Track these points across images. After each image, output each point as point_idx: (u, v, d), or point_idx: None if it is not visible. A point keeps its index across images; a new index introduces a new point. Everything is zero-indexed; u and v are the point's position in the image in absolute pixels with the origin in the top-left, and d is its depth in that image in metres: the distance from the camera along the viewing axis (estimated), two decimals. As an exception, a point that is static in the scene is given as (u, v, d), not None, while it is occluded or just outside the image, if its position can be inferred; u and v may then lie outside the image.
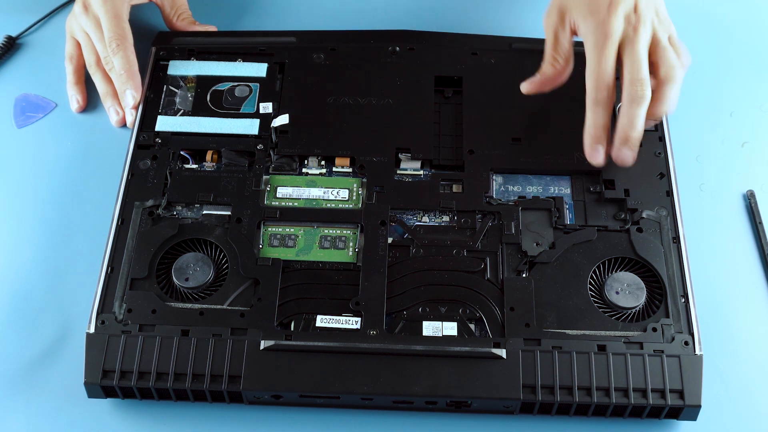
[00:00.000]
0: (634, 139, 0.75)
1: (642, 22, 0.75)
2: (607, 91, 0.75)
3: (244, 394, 0.70)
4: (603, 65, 0.75)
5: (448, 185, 0.80)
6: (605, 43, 0.75)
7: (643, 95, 0.74)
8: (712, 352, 0.73)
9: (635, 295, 0.73)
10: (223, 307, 0.73)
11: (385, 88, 0.85)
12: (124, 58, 0.85)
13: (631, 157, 0.76)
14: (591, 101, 0.76)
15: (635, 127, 0.75)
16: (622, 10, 0.75)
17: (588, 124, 0.76)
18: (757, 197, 0.82)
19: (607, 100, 0.75)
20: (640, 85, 0.74)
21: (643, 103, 0.74)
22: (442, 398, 0.69)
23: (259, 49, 0.88)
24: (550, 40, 0.79)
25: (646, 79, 0.74)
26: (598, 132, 0.76)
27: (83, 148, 0.86)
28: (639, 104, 0.74)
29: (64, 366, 0.73)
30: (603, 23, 0.75)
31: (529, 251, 0.75)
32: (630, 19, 0.75)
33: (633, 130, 0.75)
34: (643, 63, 0.75)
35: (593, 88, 0.75)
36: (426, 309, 0.73)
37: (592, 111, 0.76)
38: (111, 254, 0.75)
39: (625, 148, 0.75)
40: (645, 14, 0.75)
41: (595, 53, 0.75)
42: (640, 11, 0.75)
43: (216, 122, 0.83)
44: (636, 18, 0.75)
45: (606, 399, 0.69)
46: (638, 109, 0.75)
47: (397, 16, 0.96)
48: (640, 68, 0.75)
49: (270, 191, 0.79)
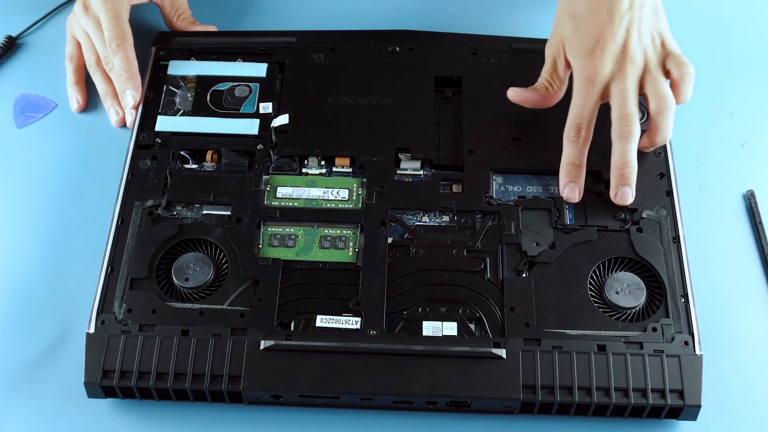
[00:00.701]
0: (627, 174, 0.76)
1: (629, 61, 0.75)
2: (580, 132, 0.76)
3: (244, 394, 0.70)
4: (581, 107, 0.76)
5: (448, 185, 0.80)
6: (588, 86, 0.76)
7: (630, 131, 0.75)
8: (712, 352, 0.73)
9: (635, 295, 0.73)
10: (223, 307, 0.73)
11: (385, 88, 0.85)
12: (124, 58, 0.85)
13: (630, 195, 0.76)
14: (565, 138, 0.77)
15: (627, 162, 0.76)
16: (609, 51, 0.75)
17: (562, 162, 0.78)
18: (757, 197, 0.82)
19: (580, 140, 0.76)
20: (626, 122, 0.75)
21: (631, 138, 0.75)
22: (442, 398, 0.69)
23: (259, 49, 0.88)
24: (549, 65, 0.80)
25: (633, 115, 0.75)
26: (570, 169, 0.77)
27: (83, 148, 0.86)
28: (627, 140, 0.75)
29: (64, 366, 0.73)
30: (590, 66, 0.76)
31: (529, 251, 0.75)
32: (618, 58, 0.76)
33: (625, 166, 0.76)
34: (629, 99, 0.75)
35: (569, 127, 0.77)
36: (426, 309, 0.73)
37: (566, 147, 0.77)
38: (111, 254, 0.75)
39: (622, 187, 0.76)
40: (634, 51, 0.76)
41: (578, 94, 0.77)
42: (628, 50, 0.75)
43: (216, 122, 0.83)
44: (623, 56, 0.75)
45: (606, 399, 0.69)
46: (627, 145, 0.76)
47: (397, 16, 0.96)
48: (626, 104, 0.75)
49: (270, 191, 0.79)
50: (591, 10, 0.76)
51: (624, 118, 0.75)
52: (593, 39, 0.76)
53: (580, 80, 0.77)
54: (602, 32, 0.76)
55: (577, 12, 0.77)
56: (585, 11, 0.77)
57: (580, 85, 0.77)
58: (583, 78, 0.76)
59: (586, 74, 0.76)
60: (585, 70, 0.76)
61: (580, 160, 0.77)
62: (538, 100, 0.80)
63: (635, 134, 0.75)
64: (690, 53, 0.76)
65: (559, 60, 0.79)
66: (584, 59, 0.76)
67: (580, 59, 0.76)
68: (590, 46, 0.76)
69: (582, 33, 0.76)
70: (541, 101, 0.80)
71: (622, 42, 0.76)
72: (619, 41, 0.76)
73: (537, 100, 0.80)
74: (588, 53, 0.76)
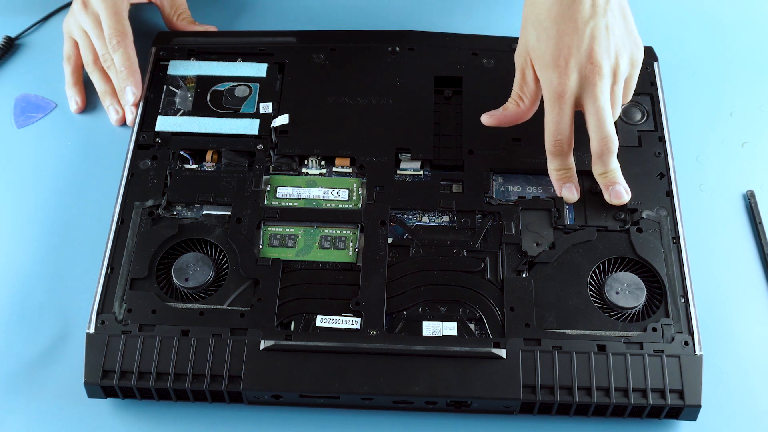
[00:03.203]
0: (613, 177, 0.76)
1: (597, 74, 0.73)
2: (562, 146, 0.76)
3: (244, 394, 0.70)
4: (557, 123, 0.75)
5: (448, 185, 0.80)
6: (559, 102, 0.74)
7: (609, 149, 0.75)
8: (712, 352, 0.73)
9: (635, 295, 0.73)
10: (223, 307, 0.73)
11: (385, 88, 0.85)
12: (125, 54, 0.85)
13: (623, 192, 0.77)
14: (548, 152, 0.77)
15: (610, 170, 0.76)
16: (574, 63, 0.73)
17: (549, 171, 0.78)
18: (757, 197, 0.82)
19: (563, 152, 0.76)
20: (606, 143, 0.75)
21: (611, 154, 0.75)
22: (442, 398, 0.69)
23: (259, 49, 0.88)
24: (518, 77, 0.78)
25: (611, 135, 0.74)
26: (561, 174, 0.77)
27: (83, 148, 0.86)
28: (608, 156, 0.76)
29: (64, 366, 0.73)
30: (557, 81, 0.73)
31: (529, 251, 0.75)
32: (585, 70, 0.73)
33: (609, 170, 0.76)
34: (607, 119, 0.74)
35: (549, 143, 0.76)
36: (426, 309, 0.73)
37: (551, 160, 0.77)
38: (111, 254, 0.75)
39: (612, 188, 0.76)
40: (602, 62, 0.73)
41: (550, 111, 0.75)
42: (596, 60, 0.73)
43: (216, 122, 0.83)
44: (591, 68, 0.73)
45: (606, 399, 0.69)
46: (608, 159, 0.76)
47: (397, 16, 0.96)
48: (603, 126, 0.74)
49: (270, 191, 0.79)
50: (553, 19, 0.73)
51: (603, 140, 0.74)
52: (557, 49, 0.73)
53: (549, 95, 0.74)
54: (566, 42, 0.73)
55: (539, 20, 0.74)
56: (547, 19, 0.74)
57: (550, 100, 0.74)
58: (552, 93, 0.74)
59: (554, 89, 0.74)
60: (552, 84, 0.74)
61: (568, 165, 0.77)
62: (512, 119, 0.79)
63: (615, 150, 0.75)
64: (690, 53, 0.76)
65: (527, 70, 0.76)
66: (550, 72, 0.73)
67: (546, 72, 0.74)
68: (554, 58, 0.73)
69: (545, 43, 0.73)
70: (516, 118, 0.79)
71: (587, 52, 0.73)
72: (584, 51, 0.73)
73: (512, 118, 0.79)
74: (553, 65, 0.73)
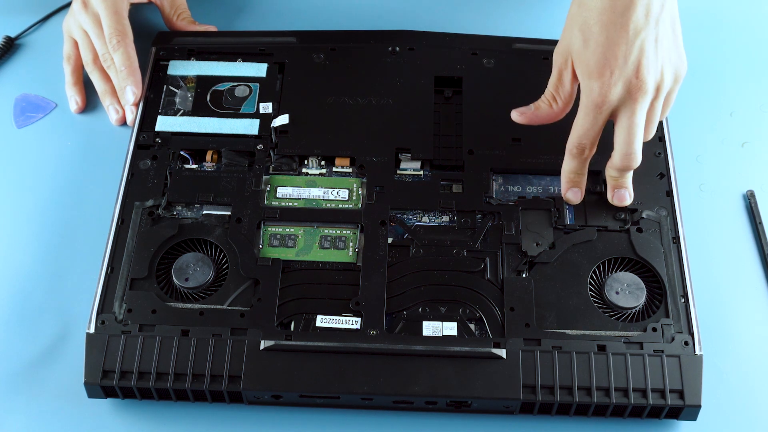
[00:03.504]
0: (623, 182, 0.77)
1: (641, 90, 0.71)
2: (584, 151, 0.75)
3: (244, 394, 0.70)
4: (587, 130, 0.73)
5: (448, 185, 0.80)
6: (595, 110, 0.72)
7: (630, 167, 0.75)
8: (712, 352, 0.73)
9: (635, 295, 0.73)
10: (223, 307, 0.73)
11: (385, 88, 0.85)
12: (125, 54, 0.85)
13: (628, 194, 0.77)
14: (568, 152, 0.76)
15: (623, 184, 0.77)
16: (621, 75, 0.70)
17: (563, 170, 0.77)
18: (757, 197, 0.82)
19: (584, 156, 0.76)
20: (629, 159, 0.74)
21: (630, 171, 0.76)
22: (442, 398, 0.69)
23: (259, 49, 0.88)
24: (554, 77, 0.76)
25: (638, 153, 0.74)
26: (572, 177, 0.77)
27: (83, 148, 0.86)
28: (626, 172, 0.76)
29: (64, 366, 0.73)
30: (599, 90, 0.71)
31: (529, 251, 0.75)
32: (629, 84, 0.71)
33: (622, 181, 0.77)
34: (636, 136, 0.73)
35: (573, 144, 0.75)
36: (426, 309, 0.73)
37: (568, 161, 0.76)
38: (111, 254, 0.75)
39: (618, 191, 0.77)
40: (648, 78, 0.71)
41: (584, 116, 0.73)
42: (642, 75, 0.70)
43: (216, 122, 0.83)
44: (636, 85, 0.71)
45: (606, 399, 0.69)
46: (627, 174, 0.76)
47: (397, 16, 0.96)
48: (632, 142, 0.73)
49: (270, 191, 0.79)
50: (603, 24, 0.70)
51: (627, 156, 0.74)
52: (604, 59, 0.70)
53: (587, 103, 0.72)
54: (614, 52, 0.70)
55: (587, 24, 0.71)
56: (596, 24, 0.70)
57: (587, 108, 0.72)
58: (591, 102, 0.72)
59: (594, 99, 0.71)
60: (593, 93, 0.71)
61: (580, 170, 0.77)
62: (543, 119, 0.77)
63: (635, 166, 0.75)
64: (690, 53, 0.76)
65: (566, 72, 0.74)
66: (593, 80, 0.71)
67: (589, 79, 0.71)
68: (600, 67, 0.70)
69: (592, 50, 0.70)
70: (547, 119, 0.77)
71: (635, 66, 0.70)
72: (631, 64, 0.70)
73: (543, 118, 0.77)
74: (598, 74, 0.70)
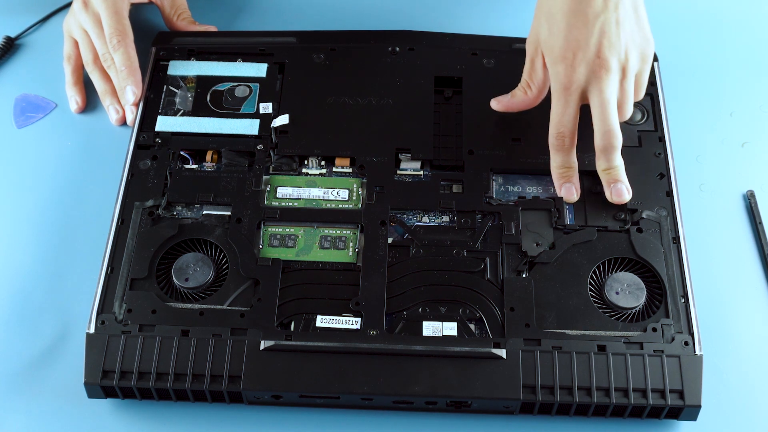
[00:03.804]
0: (615, 175, 0.77)
1: (604, 69, 0.74)
2: (564, 140, 0.76)
3: (244, 394, 0.70)
4: (561, 116, 0.76)
5: (448, 185, 0.80)
6: (565, 94, 0.75)
7: (612, 145, 0.75)
8: (712, 352, 0.73)
9: (635, 295, 0.73)
10: (223, 307, 0.73)
11: (385, 88, 0.85)
12: (125, 54, 0.85)
13: (625, 190, 0.77)
14: (550, 146, 0.77)
15: (614, 167, 0.76)
16: (583, 58, 0.74)
17: (552, 166, 0.78)
18: (757, 197, 0.82)
19: (566, 147, 0.76)
20: (609, 137, 0.75)
21: (614, 151, 0.76)
22: (442, 398, 0.69)
23: (259, 49, 0.88)
24: (528, 66, 0.80)
25: (615, 129, 0.75)
26: (562, 172, 0.77)
27: (83, 148, 0.86)
28: (611, 153, 0.76)
29: (64, 366, 0.73)
30: (564, 73, 0.74)
31: (529, 251, 0.75)
32: (592, 65, 0.74)
33: (612, 170, 0.76)
34: (610, 112, 0.74)
35: (552, 136, 0.77)
36: (426, 309, 0.73)
37: (553, 155, 0.77)
38: (111, 254, 0.75)
39: (614, 185, 0.77)
40: (610, 58, 0.74)
41: (556, 102, 0.76)
42: (604, 55, 0.74)
43: (216, 122, 0.83)
44: (599, 63, 0.74)
45: (606, 399, 0.69)
46: (612, 155, 0.76)
47: (397, 16, 0.96)
48: (607, 118, 0.74)
49: (270, 191, 0.79)
50: (564, 12, 0.74)
51: (606, 133, 0.75)
52: (566, 44, 0.74)
53: (556, 87, 0.76)
54: (575, 37, 0.74)
55: (551, 13, 0.75)
56: (558, 13, 0.75)
57: (557, 92, 0.76)
58: (559, 85, 0.75)
59: (561, 81, 0.75)
60: (559, 76, 0.75)
61: (569, 164, 0.77)
62: (519, 105, 0.80)
63: (618, 146, 0.75)
64: (690, 53, 0.76)
65: (537, 60, 0.78)
66: (558, 65, 0.75)
67: (555, 65, 0.75)
68: (563, 52, 0.74)
69: (556, 36, 0.75)
70: (523, 105, 0.80)
71: (596, 47, 0.74)
72: (593, 46, 0.74)
73: (518, 105, 0.80)
74: (562, 58, 0.74)
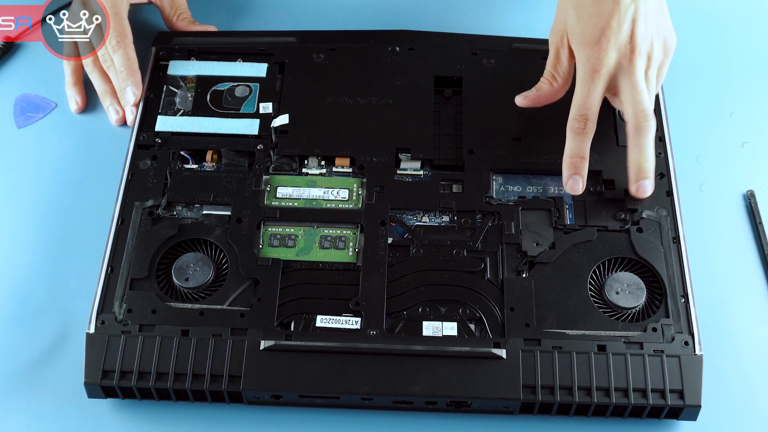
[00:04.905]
0: (647, 168, 0.76)
1: (637, 54, 0.74)
2: (585, 123, 0.75)
3: (244, 394, 0.70)
4: (586, 98, 0.75)
5: (448, 185, 0.80)
6: (593, 77, 0.75)
7: (647, 125, 0.74)
8: (712, 352, 0.73)
9: (635, 295, 0.73)
10: (223, 307, 0.73)
11: (385, 88, 0.85)
12: (125, 55, 0.85)
13: (650, 186, 0.76)
14: (569, 130, 0.76)
15: (646, 156, 0.75)
16: (615, 42, 0.74)
17: (566, 153, 0.77)
18: (757, 197, 0.82)
19: (585, 131, 0.75)
20: (643, 116, 0.74)
21: (649, 132, 0.75)
22: (442, 398, 0.69)
23: (259, 49, 0.88)
24: (552, 57, 0.79)
25: (649, 110, 0.74)
26: (575, 161, 0.76)
27: (83, 148, 0.86)
28: (645, 134, 0.75)
29: (64, 366, 0.73)
30: (595, 56, 0.74)
31: (529, 251, 0.75)
32: (623, 50, 0.74)
33: (645, 160, 0.75)
34: (643, 93, 0.74)
35: (573, 118, 0.76)
36: (426, 309, 0.73)
37: (570, 139, 0.76)
38: (111, 254, 0.75)
39: (642, 180, 0.76)
40: (640, 44, 0.74)
41: (582, 85, 0.75)
42: (635, 41, 0.74)
43: (216, 122, 0.83)
44: (630, 49, 0.74)
45: (606, 399, 0.69)
46: (645, 139, 0.75)
47: (397, 16, 0.96)
48: (641, 99, 0.74)
49: (270, 191, 0.79)
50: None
51: (640, 113, 0.74)
52: (598, 29, 0.74)
53: (584, 70, 0.75)
54: (607, 22, 0.74)
55: (580, 1, 0.76)
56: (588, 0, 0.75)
57: (584, 75, 0.75)
58: (588, 68, 0.75)
59: (591, 64, 0.75)
60: (590, 60, 0.75)
61: (584, 153, 0.76)
62: (546, 98, 0.79)
63: (652, 128, 0.75)
64: (690, 53, 0.76)
65: (563, 50, 0.78)
66: (588, 49, 0.75)
67: (584, 49, 0.75)
68: (595, 36, 0.74)
69: (585, 22, 0.75)
70: (549, 97, 0.79)
71: (628, 33, 0.74)
72: (625, 32, 0.74)
73: (545, 97, 0.79)
74: (592, 43, 0.74)
